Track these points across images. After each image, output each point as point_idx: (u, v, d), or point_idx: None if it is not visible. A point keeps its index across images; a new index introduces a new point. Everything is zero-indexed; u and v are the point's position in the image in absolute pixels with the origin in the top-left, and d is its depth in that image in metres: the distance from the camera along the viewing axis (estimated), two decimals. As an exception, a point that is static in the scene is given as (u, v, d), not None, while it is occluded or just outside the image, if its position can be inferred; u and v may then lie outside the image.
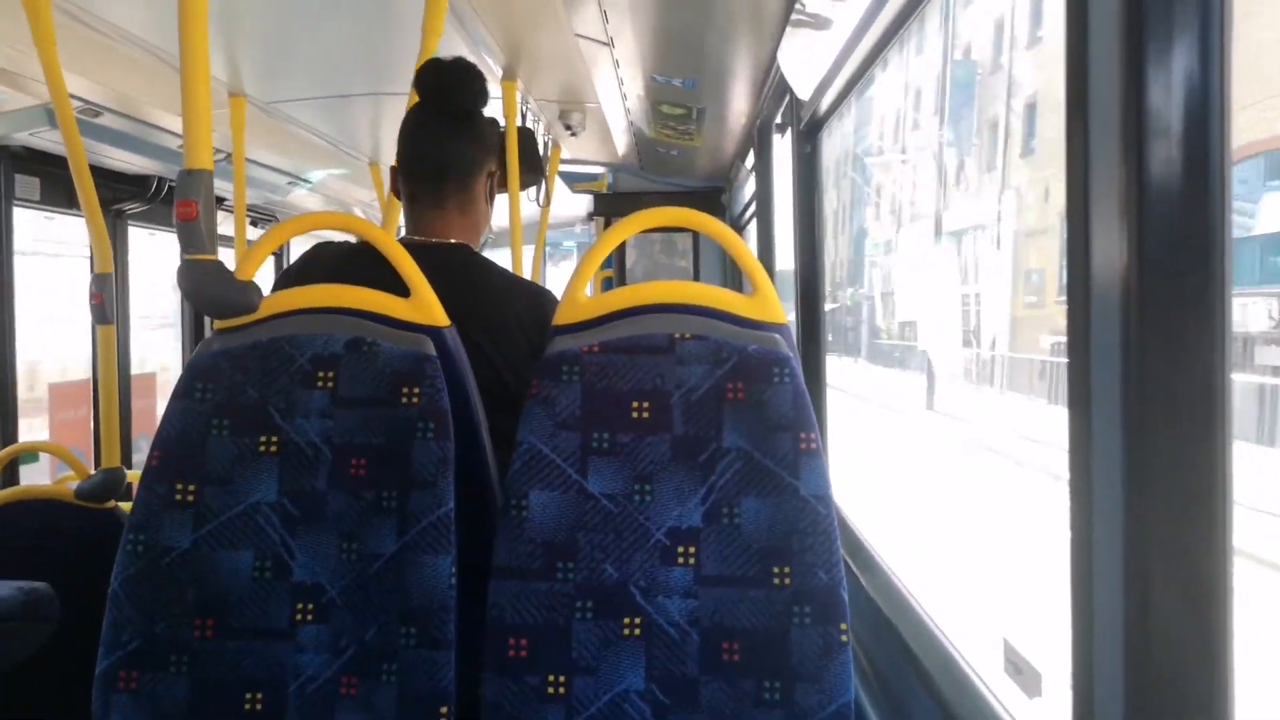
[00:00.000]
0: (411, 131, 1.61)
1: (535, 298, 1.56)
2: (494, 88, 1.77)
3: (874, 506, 6.20)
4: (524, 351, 1.48)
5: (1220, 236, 0.69)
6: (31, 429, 3.49)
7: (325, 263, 1.53)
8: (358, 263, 1.38)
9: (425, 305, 1.26)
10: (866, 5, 1.59)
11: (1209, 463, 0.70)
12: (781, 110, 2.58)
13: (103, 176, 3.29)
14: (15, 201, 2.98)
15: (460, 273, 1.53)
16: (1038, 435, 9.14)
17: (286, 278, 1.54)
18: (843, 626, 1.11)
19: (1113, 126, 0.73)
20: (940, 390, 13.58)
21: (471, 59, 1.63)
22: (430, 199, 1.59)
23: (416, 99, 1.67)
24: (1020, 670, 1.05)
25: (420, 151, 1.60)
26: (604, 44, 2.32)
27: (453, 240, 1.60)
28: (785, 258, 2.60)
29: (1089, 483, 0.77)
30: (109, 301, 2.20)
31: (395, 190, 1.65)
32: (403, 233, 1.65)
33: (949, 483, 9.10)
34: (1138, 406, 0.71)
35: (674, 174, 4.33)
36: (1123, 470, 0.73)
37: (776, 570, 1.12)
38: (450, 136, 1.59)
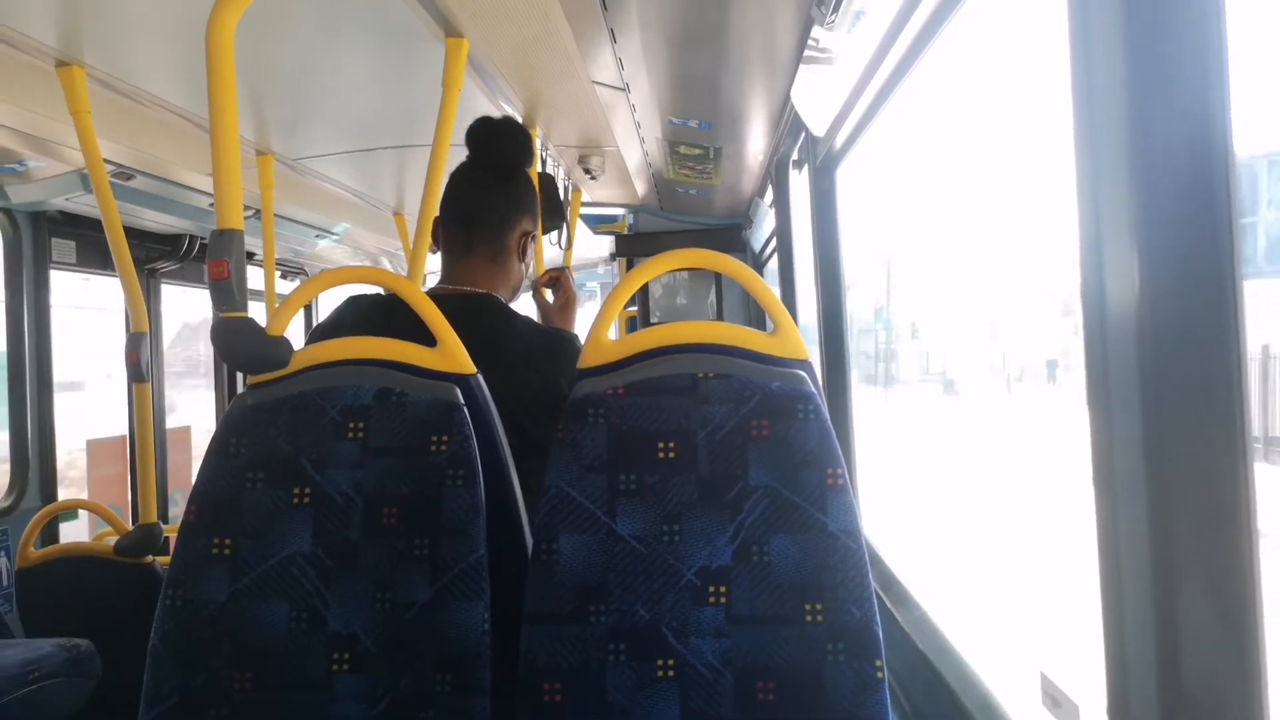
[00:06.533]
0: (456, 186, 1.68)
1: (554, 344, 1.57)
2: None
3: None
4: (542, 398, 1.49)
5: (1229, 245, 0.69)
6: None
7: (358, 316, 1.56)
8: (389, 315, 1.41)
9: (451, 354, 1.27)
10: (879, 40, 1.61)
11: (1231, 474, 0.70)
12: (798, 147, 2.60)
13: (136, 237, 3.37)
14: (52, 264, 3.06)
15: (482, 321, 1.54)
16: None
17: (320, 332, 1.57)
18: (878, 663, 1.10)
19: (1120, 145, 0.74)
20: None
21: (491, 109, 1.67)
22: (462, 248, 1.65)
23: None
24: (1058, 703, 1.04)
25: (459, 203, 1.66)
26: (620, 90, 2.36)
27: (480, 289, 1.62)
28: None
29: (1115, 503, 0.77)
30: (144, 360, 2.25)
31: (436, 241, 1.71)
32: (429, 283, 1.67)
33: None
34: (1157, 421, 0.71)
35: (694, 212, 4.35)
36: (1146, 487, 0.73)
37: (808, 607, 1.12)
38: (489, 190, 1.65)
